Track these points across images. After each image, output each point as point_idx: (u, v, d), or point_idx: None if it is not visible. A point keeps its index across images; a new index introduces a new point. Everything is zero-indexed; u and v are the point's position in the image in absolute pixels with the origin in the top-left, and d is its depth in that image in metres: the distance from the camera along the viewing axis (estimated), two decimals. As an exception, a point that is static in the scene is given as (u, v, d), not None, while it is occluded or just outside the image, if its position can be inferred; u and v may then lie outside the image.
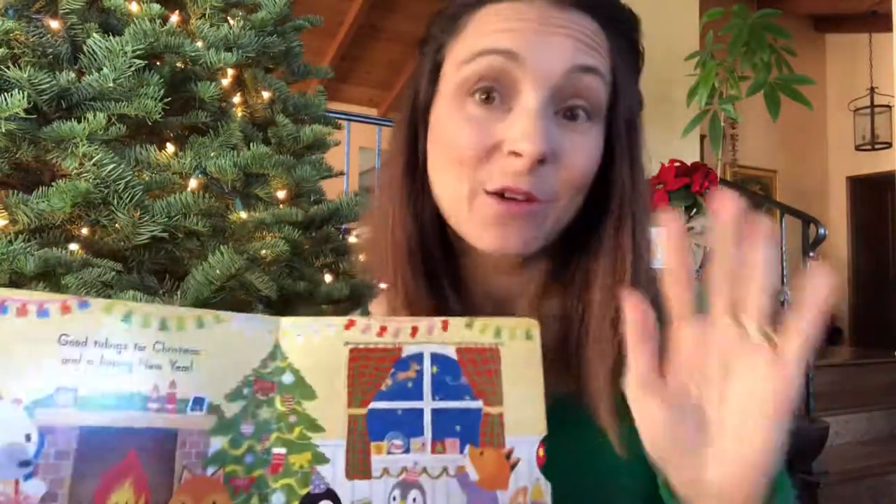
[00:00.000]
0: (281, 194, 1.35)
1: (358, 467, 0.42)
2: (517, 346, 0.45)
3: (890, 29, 4.07)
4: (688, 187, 3.04)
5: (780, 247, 3.70)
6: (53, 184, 1.12)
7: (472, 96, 0.52)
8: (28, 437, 0.37)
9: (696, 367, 0.40)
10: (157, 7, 1.23)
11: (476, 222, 0.53)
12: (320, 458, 0.42)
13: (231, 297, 1.22)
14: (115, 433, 0.39)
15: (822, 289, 0.39)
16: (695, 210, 3.09)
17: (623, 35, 0.56)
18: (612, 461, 0.54)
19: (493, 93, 0.52)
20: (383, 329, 0.44)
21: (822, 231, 3.41)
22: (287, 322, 0.44)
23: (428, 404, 0.43)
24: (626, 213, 0.55)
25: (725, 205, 0.38)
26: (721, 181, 3.60)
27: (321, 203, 1.45)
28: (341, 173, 1.77)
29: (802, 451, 2.81)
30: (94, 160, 1.10)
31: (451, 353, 0.44)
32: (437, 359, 0.44)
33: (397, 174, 0.58)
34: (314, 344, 0.44)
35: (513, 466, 0.42)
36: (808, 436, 2.78)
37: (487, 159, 0.51)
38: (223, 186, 1.27)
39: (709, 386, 0.40)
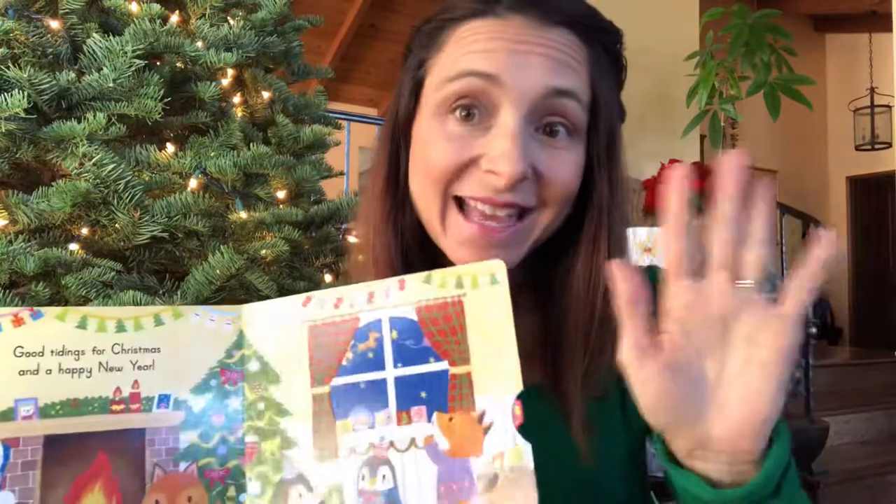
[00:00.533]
0: (281, 194, 1.35)
1: (325, 449, 0.41)
2: (482, 293, 0.42)
3: (890, 29, 4.07)
4: (688, 187, 3.03)
5: (780, 246, 3.71)
6: (53, 184, 1.12)
7: (453, 113, 0.53)
8: None
9: (694, 324, 0.40)
10: (157, 7, 1.23)
11: (451, 240, 0.54)
12: (289, 443, 0.41)
13: (231, 297, 1.22)
14: (81, 438, 0.39)
15: (824, 250, 0.40)
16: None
17: (604, 48, 0.57)
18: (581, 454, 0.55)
19: (472, 110, 0.53)
20: (339, 301, 0.43)
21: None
22: (249, 309, 0.44)
23: (390, 373, 0.42)
24: (603, 224, 0.56)
25: (728, 164, 0.39)
26: (721, 181, 3.60)
27: (321, 203, 1.45)
28: (341, 173, 1.77)
29: (802, 451, 2.81)
30: (94, 160, 1.10)
31: (410, 313, 0.42)
32: (396, 322, 0.42)
33: (378, 187, 0.59)
34: (275, 327, 0.43)
35: (486, 430, 0.40)
36: (808, 436, 2.78)
37: (463, 172, 0.52)
38: (223, 186, 1.26)
39: (708, 342, 0.40)
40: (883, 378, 4.56)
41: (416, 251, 0.58)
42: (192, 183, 1.23)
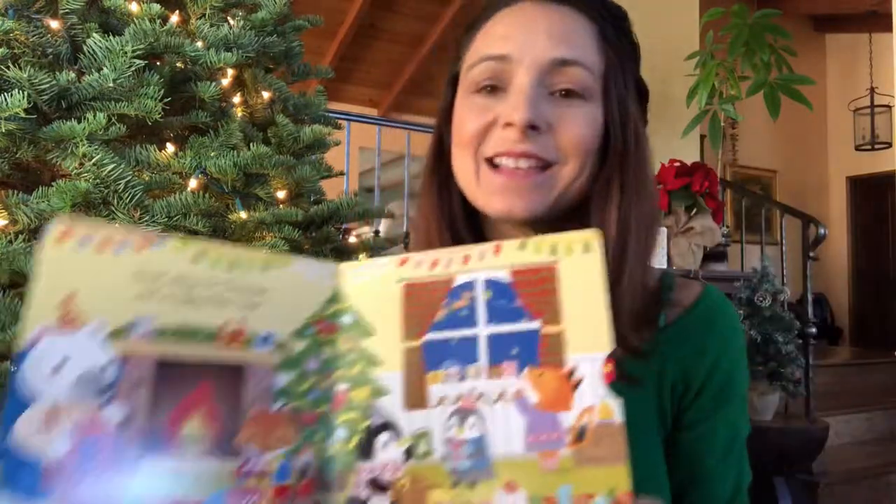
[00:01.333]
0: (281, 194, 1.35)
1: (415, 397, 0.42)
2: (575, 260, 0.43)
3: (890, 29, 4.06)
4: (688, 187, 3.04)
5: (781, 247, 3.71)
6: (53, 184, 1.12)
7: (479, 92, 0.60)
8: (107, 366, 0.39)
9: None
10: (157, 7, 1.23)
11: (484, 192, 0.59)
12: (378, 392, 0.43)
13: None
14: (188, 366, 0.41)
15: None
16: (695, 210, 3.09)
17: (612, 26, 0.62)
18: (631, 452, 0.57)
19: (495, 87, 0.60)
20: (435, 262, 0.44)
21: (822, 231, 3.41)
22: (345, 267, 0.46)
23: (483, 330, 0.43)
24: (614, 181, 0.59)
25: None
26: (721, 181, 3.60)
27: (321, 203, 1.45)
28: (341, 173, 1.77)
29: (802, 451, 2.81)
30: (94, 160, 1.10)
31: (504, 276, 0.43)
32: (490, 284, 0.43)
33: (427, 171, 0.67)
34: (371, 284, 0.45)
35: (575, 386, 0.41)
36: (808, 436, 2.78)
37: (487, 134, 0.59)
38: (223, 186, 1.26)
39: None
40: (883, 378, 4.56)
41: (462, 224, 0.64)
42: (192, 183, 1.23)
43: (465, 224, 0.64)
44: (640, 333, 0.58)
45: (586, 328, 0.42)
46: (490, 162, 0.59)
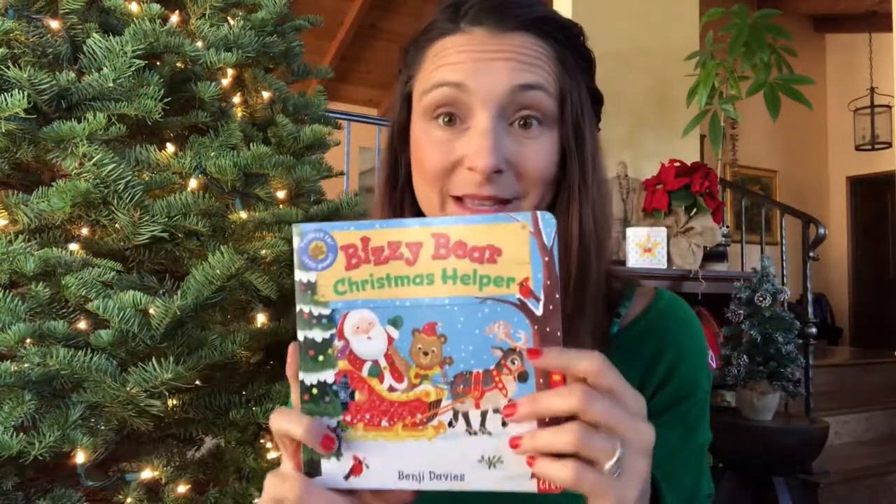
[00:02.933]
0: (281, 194, 1.35)
1: None
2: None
3: (890, 29, 4.06)
4: (688, 187, 3.03)
5: (781, 247, 3.71)
6: (53, 184, 1.12)
7: (436, 120, 0.61)
8: None
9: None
10: (157, 7, 1.23)
11: None
12: None
13: (231, 297, 1.22)
14: None
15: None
16: (695, 210, 3.09)
17: (566, 45, 0.62)
18: None
19: (452, 116, 0.60)
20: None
21: (822, 231, 3.41)
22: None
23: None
24: (574, 211, 0.61)
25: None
26: (721, 181, 3.60)
27: (321, 203, 1.45)
28: (341, 173, 1.77)
29: (802, 451, 2.81)
30: (94, 160, 1.10)
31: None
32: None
33: (381, 189, 0.68)
34: None
35: None
36: (808, 436, 2.78)
37: (452, 172, 0.60)
38: (223, 186, 1.26)
39: None
40: (883, 378, 4.56)
41: None
42: (192, 183, 1.23)
43: None
44: (594, 342, 0.61)
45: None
46: (455, 198, 0.60)
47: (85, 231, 1.16)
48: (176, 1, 1.40)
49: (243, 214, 1.28)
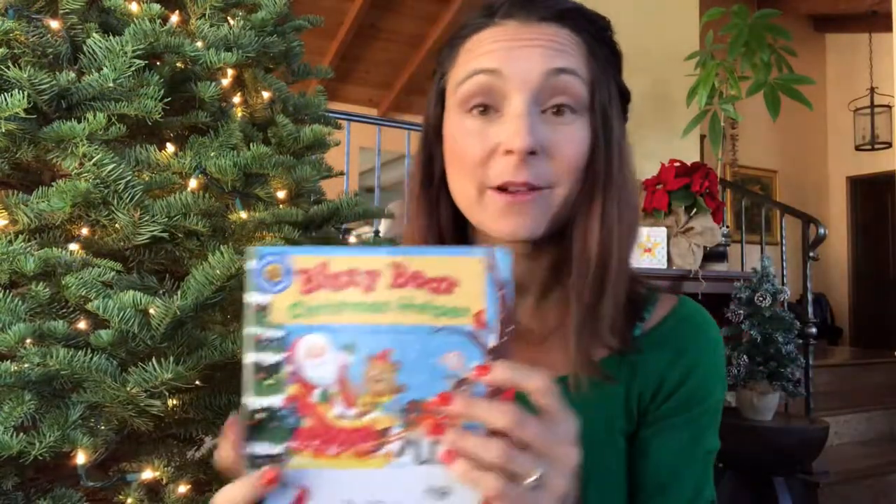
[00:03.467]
0: (281, 194, 1.35)
1: None
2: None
3: (890, 29, 4.06)
4: (688, 187, 3.03)
5: (781, 247, 3.70)
6: (53, 184, 1.12)
7: (471, 112, 0.62)
8: None
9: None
10: (157, 7, 1.23)
11: (488, 214, 0.61)
12: None
13: (231, 297, 1.22)
14: None
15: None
16: (695, 210, 3.09)
17: (595, 36, 0.64)
18: (601, 436, 0.63)
19: (487, 106, 0.61)
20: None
21: (822, 231, 3.41)
22: None
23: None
24: (597, 198, 0.61)
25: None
26: (721, 181, 3.60)
27: (321, 203, 1.45)
28: (341, 173, 1.77)
29: (802, 451, 2.81)
30: (94, 160, 1.10)
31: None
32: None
33: (415, 187, 0.69)
34: None
35: None
36: (808, 436, 2.78)
37: (488, 161, 0.60)
38: (223, 186, 1.26)
39: None
40: (883, 378, 4.56)
41: (451, 237, 0.67)
42: (192, 183, 1.23)
43: (453, 238, 0.67)
44: (615, 339, 0.62)
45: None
46: (494, 188, 0.61)
47: (85, 231, 1.16)
48: (176, 1, 1.40)
49: (243, 214, 1.28)
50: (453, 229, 0.67)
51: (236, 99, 1.42)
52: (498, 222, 0.61)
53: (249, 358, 0.47)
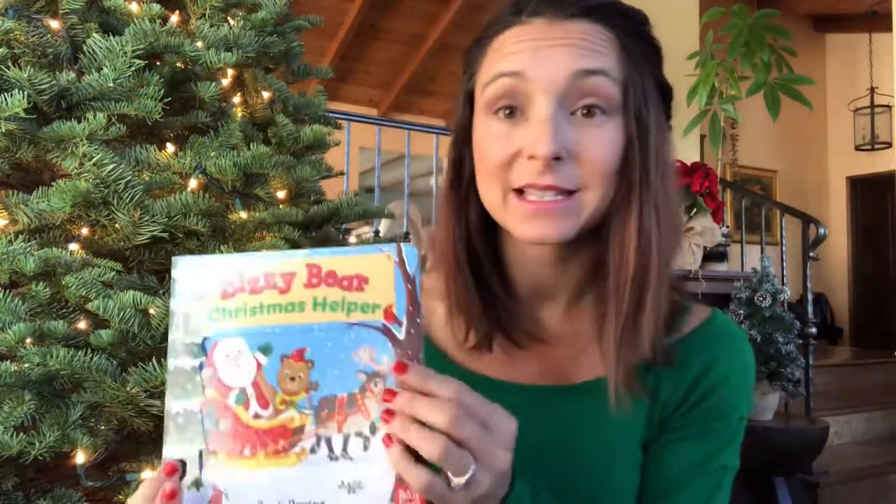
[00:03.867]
0: (281, 194, 1.35)
1: None
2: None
3: (890, 29, 4.07)
4: (688, 187, 3.03)
5: (781, 247, 3.70)
6: (53, 184, 1.12)
7: (496, 115, 0.60)
8: None
9: None
10: (157, 7, 1.23)
11: (514, 219, 0.59)
12: None
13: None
14: None
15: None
16: (695, 210, 3.09)
17: (629, 32, 0.60)
18: (622, 442, 0.63)
19: (513, 109, 0.59)
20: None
21: (822, 231, 3.41)
22: None
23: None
24: (633, 204, 0.58)
25: None
26: (721, 181, 3.60)
27: (321, 203, 1.44)
28: (341, 173, 1.76)
29: (802, 451, 2.80)
30: (94, 160, 1.10)
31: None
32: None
33: (445, 188, 0.68)
34: None
35: None
36: (808, 436, 2.77)
37: (512, 164, 0.58)
38: (223, 186, 1.26)
39: None
40: (883, 378, 4.56)
41: (479, 238, 0.65)
42: (192, 183, 1.23)
43: (481, 239, 0.65)
44: (652, 350, 0.60)
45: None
46: (517, 191, 0.59)
47: (85, 231, 1.16)
48: (176, 1, 1.40)
49: (243, 214, 1.28)
50: (481, 231, 0.65)
51: (236, 99, 1.42)
52: (523, 226, 0.59)
53: (170, 364, 0.48)
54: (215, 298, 0.48)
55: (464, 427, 0.44)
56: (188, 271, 0.49)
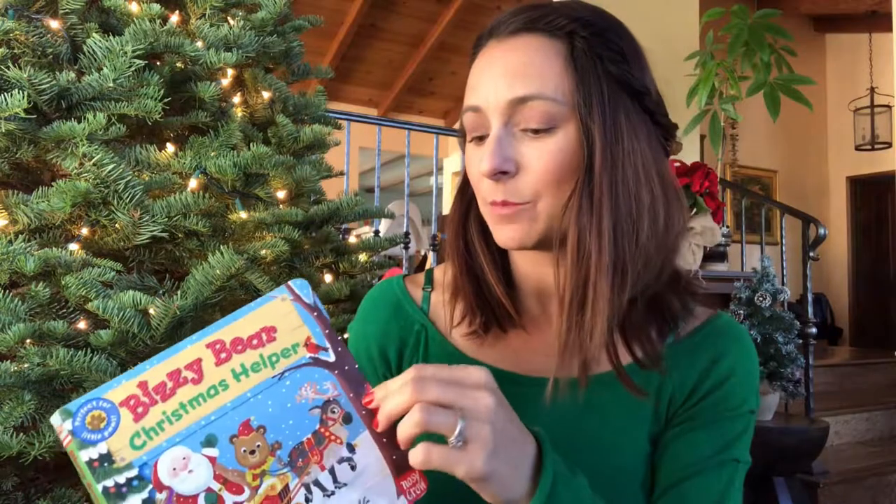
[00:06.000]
0: (281, 194, 1.35)
1: None
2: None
3: (890, 29, 4.07)
4: (688, 187, 3.03)
5: (781, 247, 3.70)
6: (53, 184, 1.12)
7: (472, 142, 0.65)
8: None
9: None
10: (157, 7, 1.23)
11: (490, 224, 0.65)
12: None
13: (231, 296, 1.22)
14: None
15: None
16: (695, 210, 3.09)
17: (583, 37, 0.60)
18: (630, 433, 0.64)
19: (482, 136, 0.63)
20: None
21: (822, 231, 3.41)
22: None
23: None
24: (583, 209, 0.58)
25: None
26: (721, 181, 3.60)
27: (321, 203, 1.45)
28: (341, 173, 1.77)
29: (802, 451, 2.80)
30: (94, 160, 1.10)
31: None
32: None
33: (455, 192, 0.72)
34: None
35: None
36: (808, 436, 2.77)
37: (480, 183, 0.63)
38: (223, 186, 1.26)
39: None
40: (883, 378, 4.56)
41: (480, 241, 0.69)
42: (192, 183, 1.23)
43: (487, 250, 0.69)
44: (643, 346, 0.62)
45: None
46: (488, 203, 0.64)
47: (85, 231, 1.16)
48: (176, 1, 1.40)
49: (243, 214, 1.28)
50: (482, 235, 0.69)
51: (236, 99, 1.42)
52: (494, 232, 0.64)
53: None
54: (129, 425, 0.45)
55: (427, 390, 0.46)
56: (79, 412, 0.45)
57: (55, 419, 0.45)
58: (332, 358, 0.49)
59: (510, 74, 0.60)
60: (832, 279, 7.15)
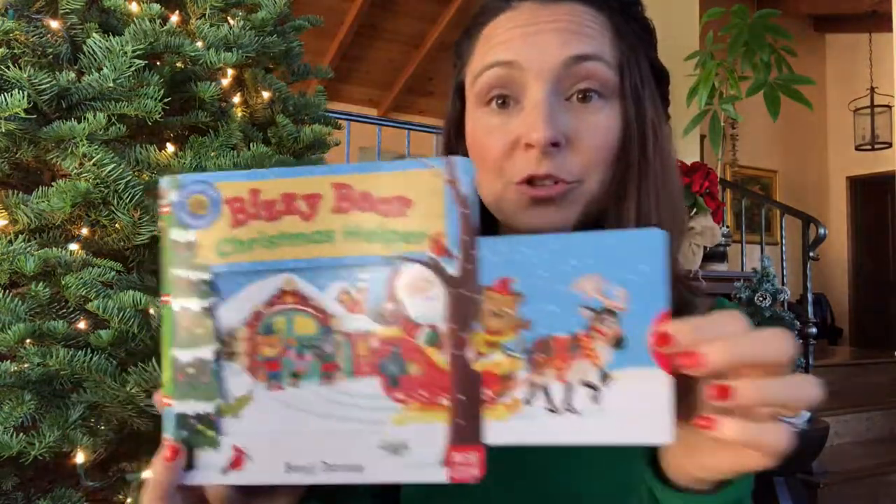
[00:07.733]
0: (281, 194, 1.35)
1: None
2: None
3: (890, 29, 4.07)
4: (688, 187, 3.03)
5: (781, 247, 3.71)
6: (53, 184, 1.12)
7: (489, 105, 0.58)
8: None
9: None
10: (157, 7, 1.23)
11: (514, 209, 0.57)
12: None
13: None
14: None
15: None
16: (695, 210, 3.09)
17: (622, 14, 0.59)
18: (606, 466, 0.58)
19: (506, 98, 0.57)
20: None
21: (822, 231, 3.41)
22: None
23: None
24: (631, 191, 0.56)
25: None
26: (721, 181, 3.60)
27: (321, 203, 1.44)
28: (341, 173, 1.76)
29: (802, 451, 2.81)
30: (94, 160, 1.10)
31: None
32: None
33: None
34: None
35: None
36: (808, 436, 2.78)
37: (510, 156, 0.56)
38: (223, 186, 1.26)
39: None
40: (883, 378, 4.56)
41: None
42: (192, 183, 1.23)
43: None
44: None
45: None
46: (517, 183, 0.56)
47: (85, 231, 1.16)
48: (176, 1, 1.40)
49: (243, 214, 1.28)
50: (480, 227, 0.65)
51: (236, 99, 1.42)
52: (524, 215, 0.56)
53: (175, 305, 0.41)
54: (225, 227, 0.40)
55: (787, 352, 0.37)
56: (188, 188, 0.41)
57: (165, 182, 0.41)
58: (455, 272, 0.39)
59: (566, 31, 0.55)
60: (832, 279, 7.15)
